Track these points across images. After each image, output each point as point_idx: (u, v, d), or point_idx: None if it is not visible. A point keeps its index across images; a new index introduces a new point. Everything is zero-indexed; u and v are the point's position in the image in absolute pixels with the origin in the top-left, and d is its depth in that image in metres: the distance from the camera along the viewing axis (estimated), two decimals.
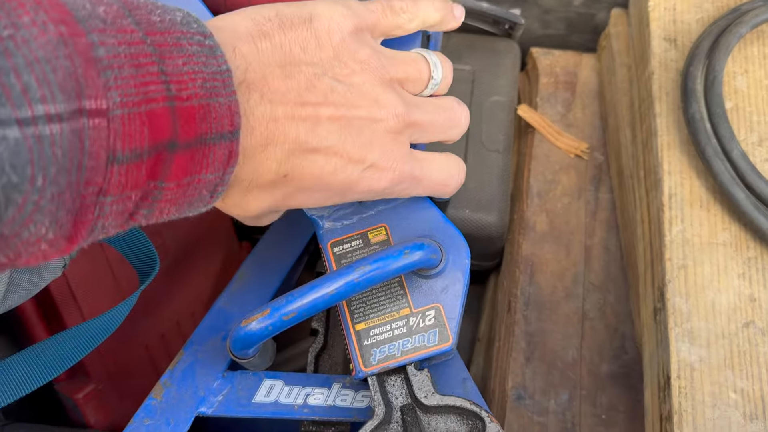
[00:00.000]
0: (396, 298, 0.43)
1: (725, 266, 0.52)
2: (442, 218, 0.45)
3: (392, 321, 0.42)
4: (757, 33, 0.65)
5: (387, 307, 0.43)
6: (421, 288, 0.43)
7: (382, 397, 0.41)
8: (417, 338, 0.42)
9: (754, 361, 0.48)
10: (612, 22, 0.75)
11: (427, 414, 0.41)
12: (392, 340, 0.42)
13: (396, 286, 0.43)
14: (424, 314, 0.42)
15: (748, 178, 0.53)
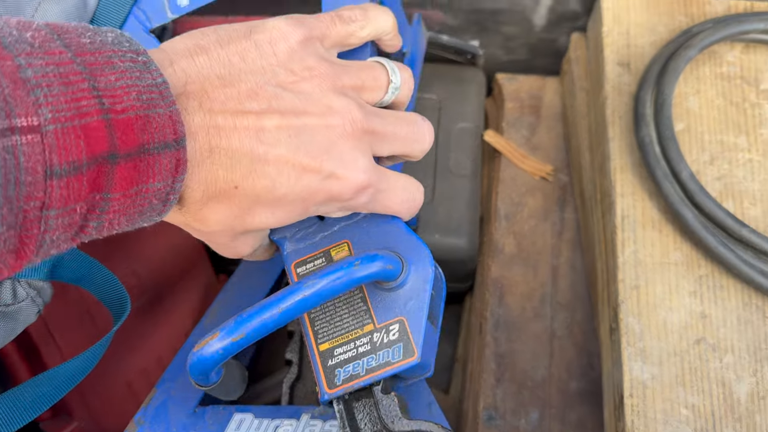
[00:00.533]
0: (359, 314, 0.41)
1: (677, 285, 0.54)
2: (405, 230, 0.43)
3: (356, 338, 0.40)
4: (708, 53, 0.67)
5: (351, 324, 0.41)
6: (384, 302, 0.41)
7: (349, 425, 0.39)
8: (381, 354, 0.40)
9: (705, 377, 0.50)
10: (572, 46, 0.78)
11: None
12: (356, 359, 0.40)
13: (359, 302, 0.41)
14: (387, 329, 0.40)
15: (697, 199, 0.55)
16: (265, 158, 0.34)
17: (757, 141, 0.61)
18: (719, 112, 0.63)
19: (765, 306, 0.53)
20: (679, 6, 0.71)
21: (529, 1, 0.75)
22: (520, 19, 0.78)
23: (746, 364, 0.50)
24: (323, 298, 0.38)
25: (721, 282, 0.54)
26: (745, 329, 0.52)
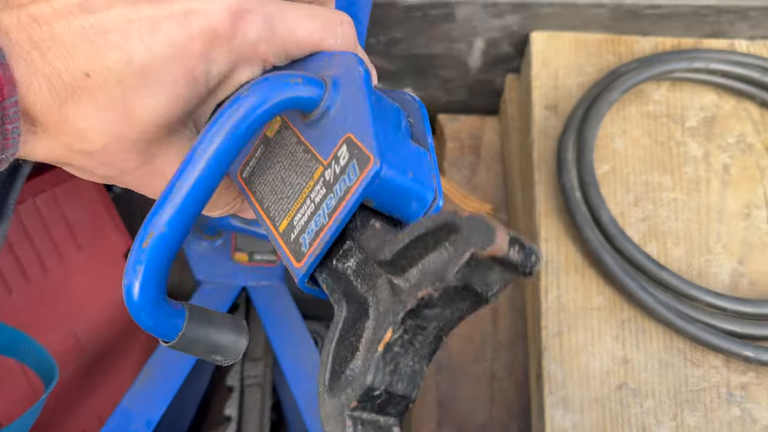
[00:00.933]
0: (305, 166, 0.33)
1: (599, 330, 0.55)
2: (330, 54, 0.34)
3: (310, 191, 0.32)
4: (636, 92, 0.68)
5: (300, 182, 0.33)
6: (323, 134, 0.32)
7: (343, 291, 0.30)
8: (338, 187, 0.31)
9: (626, 423, 0.51)
10: (507, 87, 0.79)
11: (400, 273, 0.27)
12: (316, 211, 0.32)
13: (301, 154, 0.33)
14: (336, 157, 0.31)
15: (617, 243, 0.57)
16: (101, 27, 0.28)
17: (681, 180, 0.63)
18: (644, 152, 0.64)
19: (686, 348, 0.54)
20: (608, 45, 0.72)
21: (463, 46, 0.77)
22: (455, 62, 0.79)
23: (666, 408, 0.51)
24: (230, 149, 0.29)
25: (643, 326, 0.55)
26: (666, 372, 0.53)
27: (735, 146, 0.65)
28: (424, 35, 0.75)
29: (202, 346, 0.31)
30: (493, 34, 0.75)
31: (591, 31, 0.74)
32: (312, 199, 0.32)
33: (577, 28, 0.74)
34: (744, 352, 0.52)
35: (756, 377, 0.52)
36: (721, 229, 0.60)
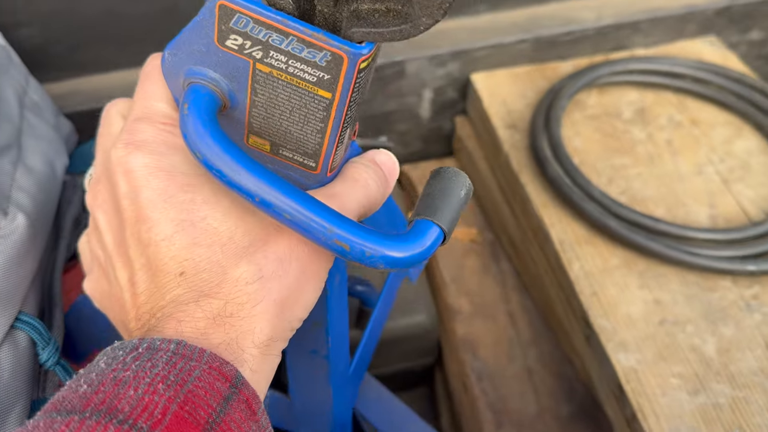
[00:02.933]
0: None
1: (625, 283, 0.62)
2: None
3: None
4: (574, 103, 0.80)
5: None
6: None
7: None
8: None
9: (678, 348, 0.57)
10: (458, 127, 0.89)
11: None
12: None
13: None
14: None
15: (614, 209, 0.65)
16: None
17: (638, 158, 0.73)
18: (600, 144, 0.75)
19: (699, 280, 0.62)
20: (537, 73, 0.84)
21: (414, 98, 0.86)
22: (409, 115, 0.88)
23: (704, 327, 0.58)
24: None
25: (658, 271, 0.62)
26: (692, 302, 0.60)
27: (668, 125, 0.77)
28: (380, 95, 0.84)
29: None
30: (439, 83, 0.85)
31: (519, 64, 0.86)
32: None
33: (508, 65, 0.85)
34: (747, 268, 0.60)
35: (761, 287, 0.61)
36: (685, 186, 0.70)
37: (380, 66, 0.80)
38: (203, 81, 0.29)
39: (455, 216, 0.29)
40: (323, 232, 0.27)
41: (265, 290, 0.29)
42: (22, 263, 0.47)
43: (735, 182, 0.71)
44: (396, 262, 0.27)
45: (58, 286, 0.54)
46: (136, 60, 0.78)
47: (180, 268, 0.29)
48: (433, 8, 0.24)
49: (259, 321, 0.28)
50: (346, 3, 0.26)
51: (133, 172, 0.29)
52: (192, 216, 0.29)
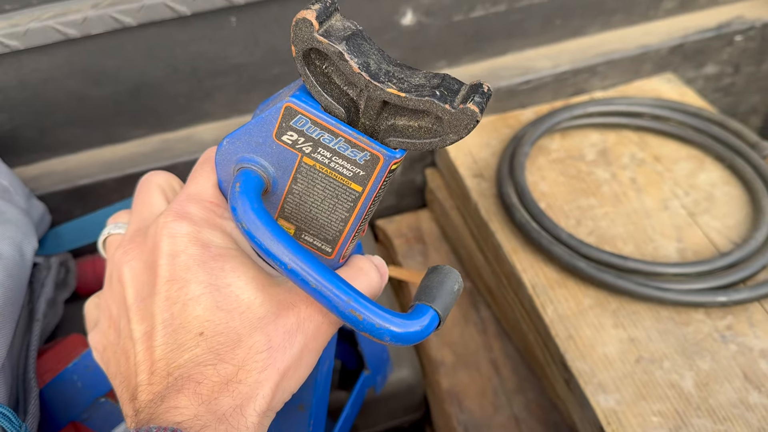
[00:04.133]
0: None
1: (599, 324, 0.62)
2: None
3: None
4: (537, 148, 0.81)
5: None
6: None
7: (325, 89, 0.32)
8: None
9: (657, 385, 0.57)
10: (429, 179, 0.90)
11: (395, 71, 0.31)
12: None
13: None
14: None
15: (583, 251, 0.66)
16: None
17: (603, 198, 0.74)
18: (566, 187, 0.76)
19: (672, 314, 0.62)
20: (500, 123, 0.86)
21: None
22: None
23: (681, 363, 0.58)
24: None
25: (631, 308, 0.63)
26: (667, 337, 0.60)
27: (631, 164, 0.78)
28: None
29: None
30: None
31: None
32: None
33: None
34: (718, 299, 0.61)
35: (734, 317, 0.61)
36: (652, 222, 0.71)
37: None
38: (254, 167, 0.34)
39: (449, 304, 0.33)
40: (342, 301, 0.30)
41: (271, 359, 0.32)
42: None
43: (701, 214, 0.72)
44: (399, 337, 0.31)
45: (32, 371, 0.54)
46: (105, 139, 0.79)
47: (200, 328, 0.32)
48: (460, 128, 0.30)
49: (263, 388, 0.31)
50: (386, 119, 0.31)
51: (176, 237, 0.33)
52: (219, 281, 0.33)
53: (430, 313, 0.32)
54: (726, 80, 0.99)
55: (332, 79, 0.31)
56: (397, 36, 0.81)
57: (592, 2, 0.87)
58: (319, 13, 0.29)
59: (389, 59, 0.32)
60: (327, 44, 0.29)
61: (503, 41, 0.87)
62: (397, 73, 0.31)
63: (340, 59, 0.30)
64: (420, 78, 0.31)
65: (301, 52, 0.30)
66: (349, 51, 0.30)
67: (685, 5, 0.93)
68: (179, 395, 0.30)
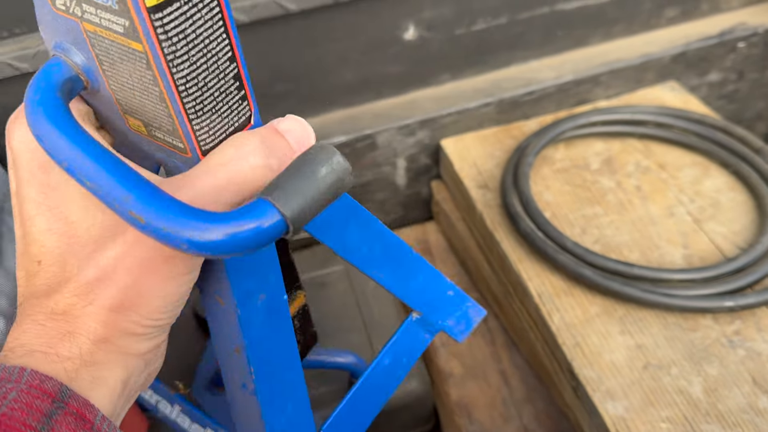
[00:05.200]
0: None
1: (606, 331, 0.62)
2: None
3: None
4: (542, 158, 0.82)
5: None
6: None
7: None
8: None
9: (665, 392, 0.57)
10: (435, 191, 0.90)
11: None
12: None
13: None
14: None
15: (589, 259, 0.66)
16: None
17: (608, 206, 0.75)
18: (571, 196, 0.76)
19: (679, 321, 0.62)
20: (503, 134, 0.87)
21: (389, 168, 0.88)
22: (386, 184, 0.90)
23: (689, 369, 0.58)
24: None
25: (638, 315, 0.63)
26: (674, 344, 0.60)
27: (636, 171, 0.79)
28: (355, 167, 0.86)
29: None
30: (411, 151, 0.87)
31: (486, 127, 0.88)
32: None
33: (474, 128, 0.88)
34: (726, 304, 0.61)
35: (742, 322, 0.61)
36: (658, 229, 0.71)
37: (352, 140, 0.83)
38: (58, 52, 0.28)
39: (308, 200, 0.25)
40: (120, 200, 0.23)
41: (98, 291, 0.29)
42: None
43: (707, 221, 0.72)
44: (203, 246, 0.23)
45: None
46: None
47: (39, 256, 0.29)
48: None
49: (92, 320, 0.29)
50: None
51: (11, 143, 0.30)
52: (48, 201, 0.29)
53: (269, 214, 0.24)
54: (730, 87, 0.99)
55: None
56: (400, 50, 0.82)
57: (593, 13, 0.88)
58: None
59: None
60: None
61: (506, 53, 0.88)
62: None
63: None
64: None
65: None
66: None
67: (688, 13, 0.94)
68: (19, 328, 0.29)
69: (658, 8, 0.91)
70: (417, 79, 0.86)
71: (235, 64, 0.28)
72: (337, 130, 0.83)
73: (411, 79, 0.86)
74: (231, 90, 0.28)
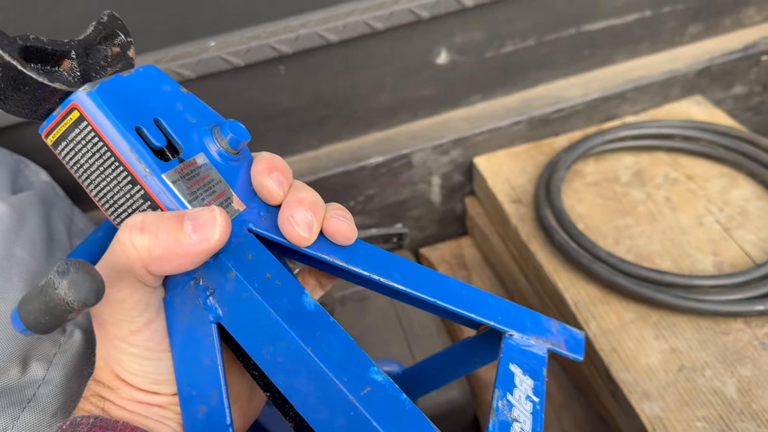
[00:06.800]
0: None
1: (641, 336, 0.65)
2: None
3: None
4: (573, 172, 0.85)
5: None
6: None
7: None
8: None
9: (700, 392, 0.59)
10: (469, 207, 0.94)
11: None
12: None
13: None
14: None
15: (622, 267, 0.69)
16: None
17: (640, 217, 0.77)
18: (602, 208, 0.79)
19: (711, 325, 0.64)
20: (534, 150, 0.90)
21: (424, 186, 0.92)
22: (421, 201, 0.94)
23: (723, 370, 0.60)
24: None
25: (671, 320, 0.65)
26: (707, 347, 0.63)
27: (665, 183, 0.81)
28: (392, 186, 0.90)
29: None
30: (445, 169, 0.91)
31: (517, 144, 0.92)
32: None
33: (506, 145, 0.91)
34: (756, 308, 0.63)
35: None
36: (688, 238, 0.74)
37: (389, 159, 0.87)
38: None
39: (36, 315, 0.30)
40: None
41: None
42: (80, 375, 0.52)
43: (736, 229, 0.74)
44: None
45: None
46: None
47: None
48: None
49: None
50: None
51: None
52: None
53: (14, 314, 0.31)
54: (755, 99, 1.01)
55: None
56: (433, 74, 0.86)
57: (619, 32, 0.91)
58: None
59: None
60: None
61: (534, 73, 0.91)
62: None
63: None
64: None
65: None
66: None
67: (711, 29, 0.97)
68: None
69: (682, 26, 0.94)
70: (450, 100, 0.90)
71: (139, 186, 0.35)
72: (375, 151, 0.87)
73: (444, 101, 0.90)
74: (137, 199, 0.36)
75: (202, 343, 0.35)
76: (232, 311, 0.34)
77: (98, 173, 0.36)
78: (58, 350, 0.50)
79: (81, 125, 0.35)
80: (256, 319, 0.34)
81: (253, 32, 0.74)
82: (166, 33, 0.73)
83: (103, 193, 0.36)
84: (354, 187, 0.88)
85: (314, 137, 0.87)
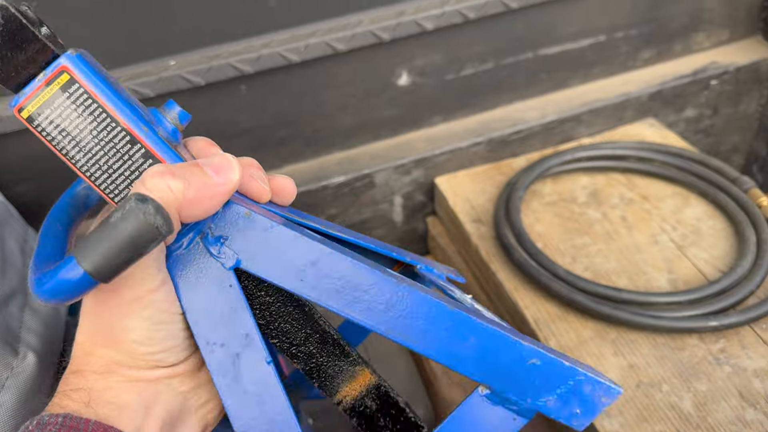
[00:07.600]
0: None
1: (600, 353, 0.66)
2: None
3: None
4: (531, 192, 0.86)
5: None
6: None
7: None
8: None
9: (657, 408, 0.60)
10: (430, 226, 0.95)
11: None
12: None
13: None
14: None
15: (580, 285, 0.70)
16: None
17: (596, 236, 0.79)
18: (560, 227, 0.81)
19: (667, 341, 0.66)
20: (494, 171, 0.92)
21: (386, 205, 0.92)
22: (383, 221, 0.94)
23: (680, 386, 0.62)
24: None
25: (628, 337, 0.67)
26: (664, 363, 0.64)
27: (620, 203, 0.83)
28: (354, 205, 0.90)
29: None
30: (407, 189, 0.92)
31: (477, 164, 0.93)
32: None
33: (466, 166, 0.93)
34: (710, 324, 0.65)
35: (727, 340, 0.65)
36: (643, 256, 0.75)
37: (351, 179, 0.87)
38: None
39: (106, 253, 0.28)
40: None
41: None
42: (33, 399, 0.50)
43: (689, 247, 0.76)
44: (41, 297, 0.30)
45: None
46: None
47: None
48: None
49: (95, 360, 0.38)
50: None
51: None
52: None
53: (70, 268, 0.28)
54: (706, 122, 1.05)
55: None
56: (395, 96, 0.87)
57: (574, 57, 0.94)
58: None
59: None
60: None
61: (493, 96, 0.93)
62: None
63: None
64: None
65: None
66: None
67: (663, 54, 1.00)
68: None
69: (635, 51, 0.97)
70: (411, 121, 0.91)
71: (140, 145, 0.35)
72: (337, 170, 0.87)
73: (405, 122, 0.91)
74: (137, 159, 0.35)
75: (221, 292, 0.36)
76: (253, 251, 0.35)
77: (90, 138, 0.34)
78: (11, 373, 0.48)
79: (71, 88, 0.34)
80: (284, 247, 0.35)
81: (215, 51, 0.74)
82: (126, 52, 0.72)
83: (94, 160, 0.35)
84: (316, 207, 0.88)
85: (276, 157, 0.87)
